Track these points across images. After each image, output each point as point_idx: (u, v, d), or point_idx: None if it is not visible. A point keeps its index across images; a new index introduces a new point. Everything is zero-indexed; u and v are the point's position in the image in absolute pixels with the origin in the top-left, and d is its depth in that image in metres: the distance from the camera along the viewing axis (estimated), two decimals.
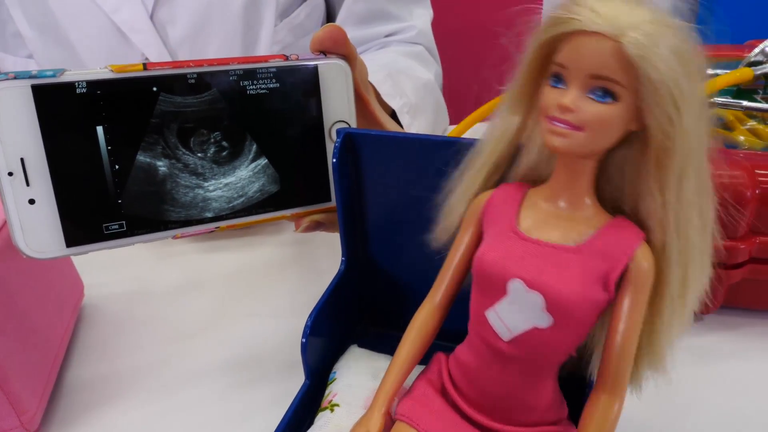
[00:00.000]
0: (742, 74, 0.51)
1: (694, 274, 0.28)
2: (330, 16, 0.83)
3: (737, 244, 0.42)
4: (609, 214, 0.28)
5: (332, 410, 0.34)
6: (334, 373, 0.35)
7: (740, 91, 0.53)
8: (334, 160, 0.37)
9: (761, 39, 0.58)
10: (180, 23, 0.71)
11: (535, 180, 0.30)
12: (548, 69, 0.26)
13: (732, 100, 0.50)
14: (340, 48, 0.39)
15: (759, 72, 0.52)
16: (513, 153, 0.30)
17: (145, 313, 0.50)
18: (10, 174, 0.32)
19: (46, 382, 0.39)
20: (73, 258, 0.48)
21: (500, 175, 0.31)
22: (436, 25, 0.84)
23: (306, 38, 0.77)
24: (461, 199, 0.32)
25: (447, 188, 0.32)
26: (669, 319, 0.28)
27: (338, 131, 0.37)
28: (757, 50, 0.55)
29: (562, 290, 0.26)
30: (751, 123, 0.55)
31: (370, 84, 0.48)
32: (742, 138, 0.53)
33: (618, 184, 0.28)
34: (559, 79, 0.26)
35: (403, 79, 0.69)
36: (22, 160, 0.32)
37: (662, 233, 0.27)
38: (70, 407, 0.40)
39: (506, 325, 0.28)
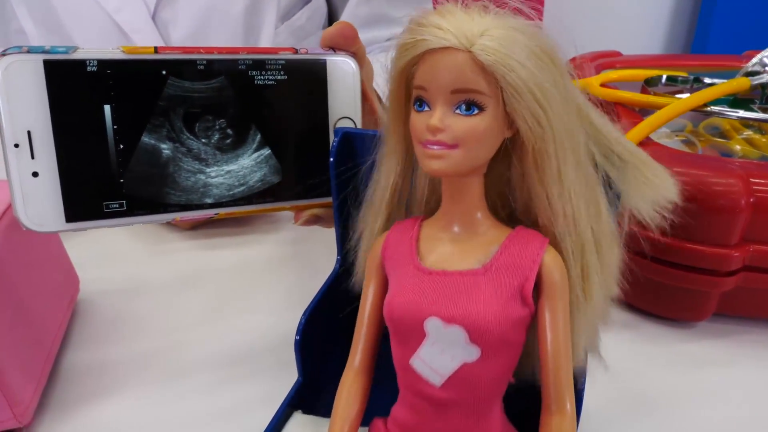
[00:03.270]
0: (738, 84, 0.52)
1: (593, 266, 0.27)
2: (332, 19, 0.83)
3: (731, 252, 0.43)
4: (508, 226, 0.28)
5: None
6: None
7: (737, 100, 0.53)
8: (332, 160, 0.37)
9: (758, 50, 0.58)
10: (181, 24, 0.72)
11: (433, 209, 0.29)
12: (412, 97, 0.26)
13: (728, 110, 0.50)
14: (350, 45, 0.40)
15: (756, 82, 0.52)
16: (407, 188, 0.30)
17: (140, 309, 0.50)
18: (16, 146, 0.32)
19: (39, 375, 0.39)
20: (69, 252, 0.48)
21: (402, 210, 0.31)
22: None
23: (307, 41, 0.78)
24: (369, 242, 0.31)
25: (357, 231, 0.32)
26: (575, 315, 0.27)
27: (336, 131, 0.37)
28: (754, 60, 0.56)
29: (480, 317, 0.25)
30: (747, 132, 0.55)
31: (375, 91, 0.48)
32: (738, 147, 0.53)
33: (509, 194, 0.28)
34: (422, 103, 0.26)
35: None
36: (29, 132, 0.32)
37: (554, 228, 0.26)
38: (64, 400, 0.40)
39: (434, 369, 0.26)
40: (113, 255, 0.58)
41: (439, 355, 0.26)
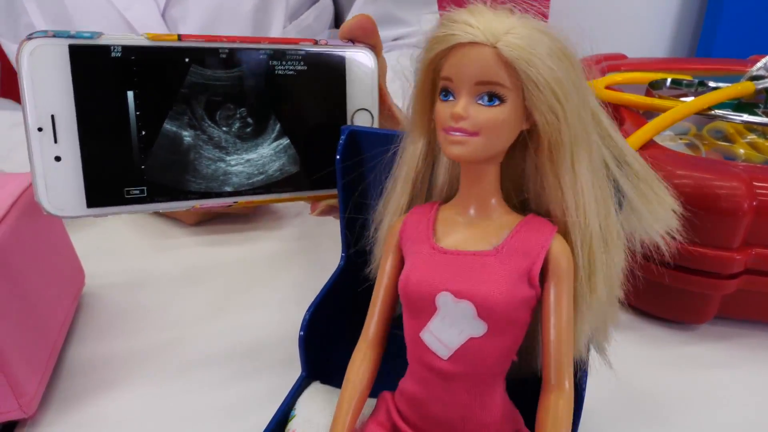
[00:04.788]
0: (743, 88, 0.52)
1: (599, 260, 0.28)
2: (338, 19, 0.84)
3: (733, 255, 0.43)
4: (520, 214, 0.29)
5: None
6: (294, 409, 0.35)
7: (741, 104, 0.53)
8: (338, 157, 0.37)
9: (763, 54, 0.58)
10: (191, 22, 0.72)
11: (450, 197, 0.31)
12: (438, 87, 0.28)
13: (732, 113, 0.51)
14: (369, 38, 0.40)
15: (760, 86, 0.52)
16: (427, 177, 0.32)
17: (145, 303, 0.50)
18: (40, 129, 0.32)
19: (45, 367, 0.40)
20: (75, 245, 0.48)
21: (422, 199, 0.32)
22: None
23: None
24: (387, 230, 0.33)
25: (376, 220, 0.33)
26: (579, 304, 0.29)
27: (342, 129, 0.38)
28: (759, 65, 0.56)
29: (489, 294, 0.27)
30: (751, 136, 0.55)
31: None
32: (741, 151, 0.53)
33: (522, 184, 0.30)
34: (448, 93, 0.27)
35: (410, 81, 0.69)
36: (52, 116, 0.32)
37: (564, 218, 0.28)
38: (68, 392, 0.41)
39: (443, 342, 0.28)
40: (119, 249, 0.58)
41: (448, 329, 0.27)
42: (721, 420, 0.39)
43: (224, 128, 0.37)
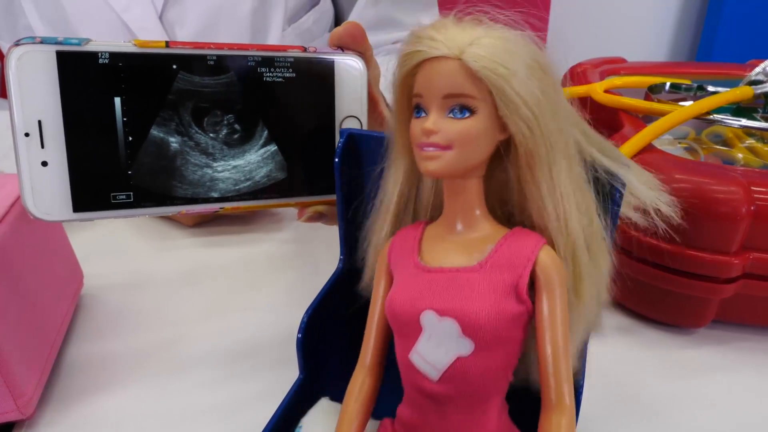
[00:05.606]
0: (742, 92, 0.52)
1: (584, 267, 0.28)
2: (338, 22, 0.84)
3: (731, 259, 0.43)
4: (506, 228, 0.29)
5: None
6: (300, 425, 0.35)
7: (740, 109, 0.54)
8: (337, 160, 0.37)
9: (762, 59, 0.58)
10: (188, 24, 0.72)
11: (436, 217, 0.31)
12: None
13: (731, 118, 0.51)
14: (358, 45, 0.40)
15: (759, 91, 0.52)
16: (413, 196, 0.32)
17: (143, 304, 0.50)
18: (27, 135, 0.32)
19: (43, 368, 0.39)
20: (74, 247, 0.48)
21: (410, 217, 0.32)
22: None
23: (313, 44, 0.78)
24: (376, 248, 0.33)
25: (364, 243, 0.34)
26: (569, 313, 0.28)
27: (341, 132, 0.38)
28: (758, 69, 0.56)
29: (473, 310, 0.26)
30: (750, 141, 0.55)
31: (381, 92, 0.49)
32: (740, 155, 0.53)
33: (506, 197, 0.30)
34: (420, 109, 0.27)
35: None
36: (39, 122, 0.33)
37: (547, 227, 0.28)
38: (65, 393, 0.41)
39: (431, 363, 0.27)
40: (117, 251, 0.58)
41: (435, 349, 0.27)
42: (719, 424, 0.39)
43: (211, 134, 0.37)
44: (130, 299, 0.51)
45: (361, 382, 0.31)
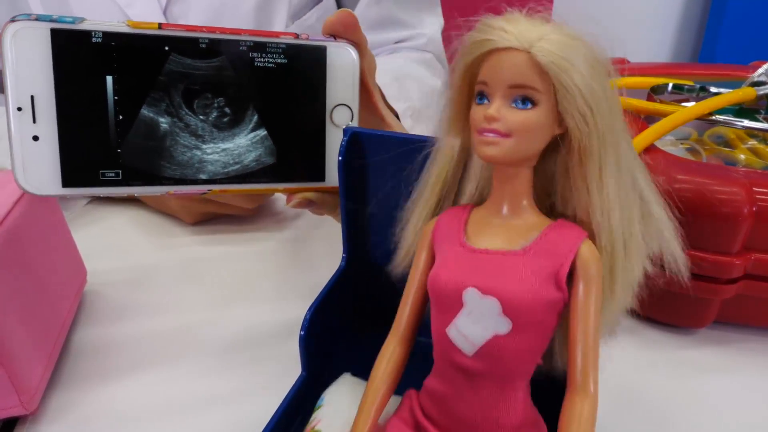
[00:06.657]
0: (744, 94, 0.52)
1: (620, 265, 0.29)
2: None
3: (732, 260, 0.43)
4: (549, 218, 0.30)
5: None
6: (323, 398, 0.36)
7: (742, 110, 0.54)
8: (340, 158, 0.37)
9: (765, 60, 0.58)
10: (192, 20, 0.72)
11: (481, 202, 0.32)
12: (474, 92, 0.29)
13: (733, 119, 0.51)
14: (350, 33, 0.40)
15: (761, 92, 0.52)
16: (456, 180, 0.32)
17: (145, 301, 0.50)
18: (19, 109, 0.33)
19: (46, 364, 0.40)
20: (77, 243, 0.48)
21: (450, 201, 0.33)
22: (446, 33, 0.85)
23: None
24: (415, 229, 0.33)
25: (403, 219, 0.34)
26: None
27: (345, 130, 0.38)
28: (760, 71, 0.56)
29: (515, 291, 0.27)
30: (752, 142, 0.55)
31: (377, 86, 0.49)
32: (742, 156, 0.54)
33: (553, 189, 0.30)
34: (483, 96, 0.28)
35: (409, 83, 0.69)
36: (32, 97, 0.33)
37: (590, 221, 0.29)
38: (69, 389, 0.41)
39: (468, 338, 0.28)
40: (120, 247, 0.58)
41: (473, 325, 0.28)
42: (720, 425, 0.40)
43: (201, 117, 0.37)
44: (132, 296, 0.51)
45: (392, 351, 0.32)
